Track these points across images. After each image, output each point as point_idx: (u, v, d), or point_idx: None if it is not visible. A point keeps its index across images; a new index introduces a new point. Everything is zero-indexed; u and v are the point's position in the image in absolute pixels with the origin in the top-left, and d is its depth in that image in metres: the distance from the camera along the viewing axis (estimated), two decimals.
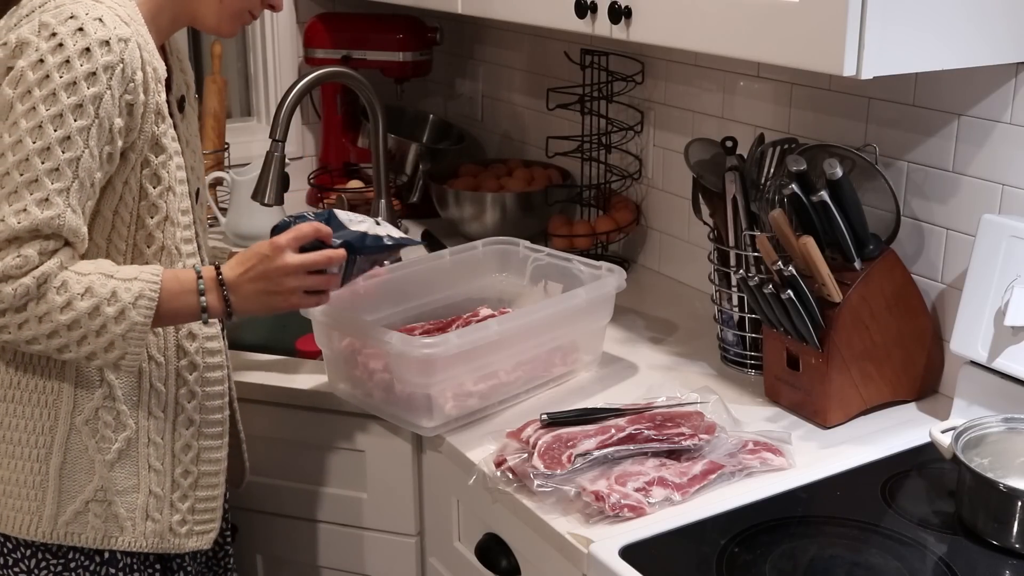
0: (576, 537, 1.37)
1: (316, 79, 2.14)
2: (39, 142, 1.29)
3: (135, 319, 1.34)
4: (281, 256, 1.41)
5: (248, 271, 1.41)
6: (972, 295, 1.57)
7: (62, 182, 1.30)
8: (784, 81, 1.92)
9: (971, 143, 1.62)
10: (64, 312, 1.31)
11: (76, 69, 1.30)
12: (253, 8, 1.53)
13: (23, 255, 1.29)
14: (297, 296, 1.44)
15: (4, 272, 1.28)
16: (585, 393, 1.75)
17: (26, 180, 1.29)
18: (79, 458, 1.44)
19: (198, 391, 1.51)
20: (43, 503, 1.44)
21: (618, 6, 1.63)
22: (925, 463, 1.52)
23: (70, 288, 1.32)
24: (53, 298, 1.31)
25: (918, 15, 1.36)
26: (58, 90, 1.29)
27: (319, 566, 1.91)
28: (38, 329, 1.32)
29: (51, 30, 1.30)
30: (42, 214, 1.29)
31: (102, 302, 1.32)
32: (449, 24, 2.74)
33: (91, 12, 1.32)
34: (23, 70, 1.30)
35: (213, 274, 1.41)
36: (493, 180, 2.48)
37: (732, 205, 1.79)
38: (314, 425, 1.82)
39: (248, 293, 1.42)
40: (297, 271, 1.42)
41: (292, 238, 1.42)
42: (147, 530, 1.49)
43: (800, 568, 1.31)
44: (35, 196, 1.29)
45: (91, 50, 1.31)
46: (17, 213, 1.28)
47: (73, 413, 1.43)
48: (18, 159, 1.29)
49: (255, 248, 1.43)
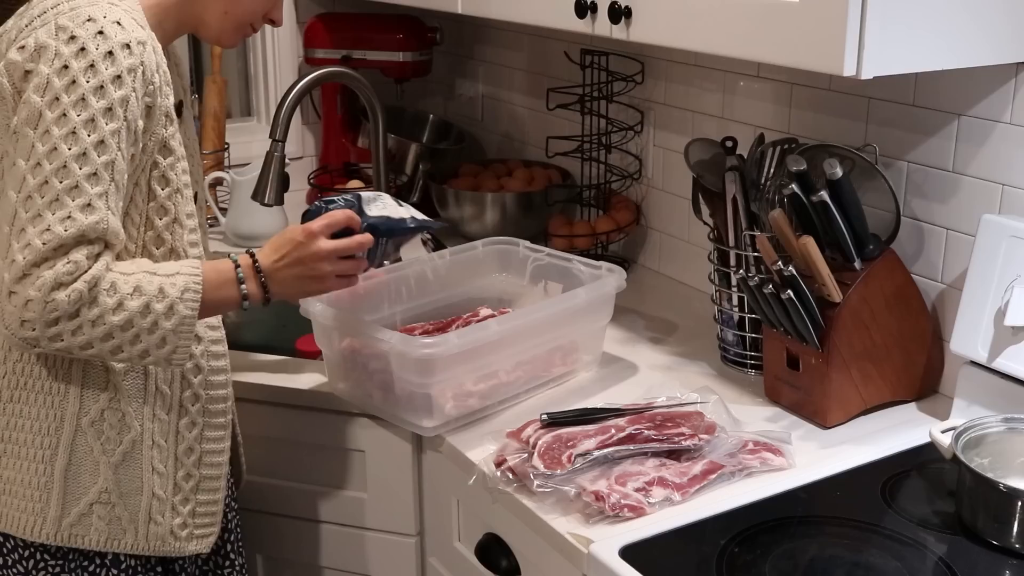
0: (576, 537, 1.37)
1: (316, 79, 2.14)
2: (75, 148, 1.29)
3: (184, 313, 1.36)
4: (315, 242, 1.46)
5: (283, 257, 1.46)
6: (972, 295, 1.57)
7: (101, 186, 1.31)
8: (784, 81, 1.92)
9: (971, 143, 1.62)
10: (116, 313, 1.32)
11: (102, 73, 1.30)
12: (255, 21, 1.56)
13: (73, 261, 1.29)
14: (330, 280, 1.50)
15: (56, 280, 1.28)
16: (585, 393, 1.75)
17: (66, 187, 1.29)
18: (84, 460, 1.44)
19: (202, 394, 1.51)
20: (48, 504, 1.44)
21: (618, 6, 1.63)
22: (925, 463, 1.52)
23: (119, 289, 1.32)
24: (104, 300, 1.31)
25: (918, 15, 1.36)
26: (87, 95, 1.30)
27: (319, 566, 1.91)
28: (92, 333, 1.31)
29: (69, 33, 1.31)
30: (87, 219, 1.29)
31: (151, 299, 1.34)
32: (449, 24, 2.74)
33: (109, 15, 1.33)
34: (48, 77, 1.30)
35: (250, 262, 1.45)
36: (493, 180, 2.48)
37: (732, 205, 1.79)
38: (314, 425, 1.82)
39: (284, 279, 1.46)
40: (330, 256, 1.47)
41: (325, 225, 1.47)
42: (150, 533, 1.49)
43: (800, 568, 1.31)
44: (78, 202, 1.29)
45: (114, 53, 1.31)
46: (63, 221, 1.29)
47: (79, 414, 1.43)
48: (55, 167, 1.29)
49: (288, 234, 1.47)
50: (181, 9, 1.48)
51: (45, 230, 1.28)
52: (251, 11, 1.54)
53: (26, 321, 1.28)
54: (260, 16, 1.56)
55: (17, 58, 1.32)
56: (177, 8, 1.48)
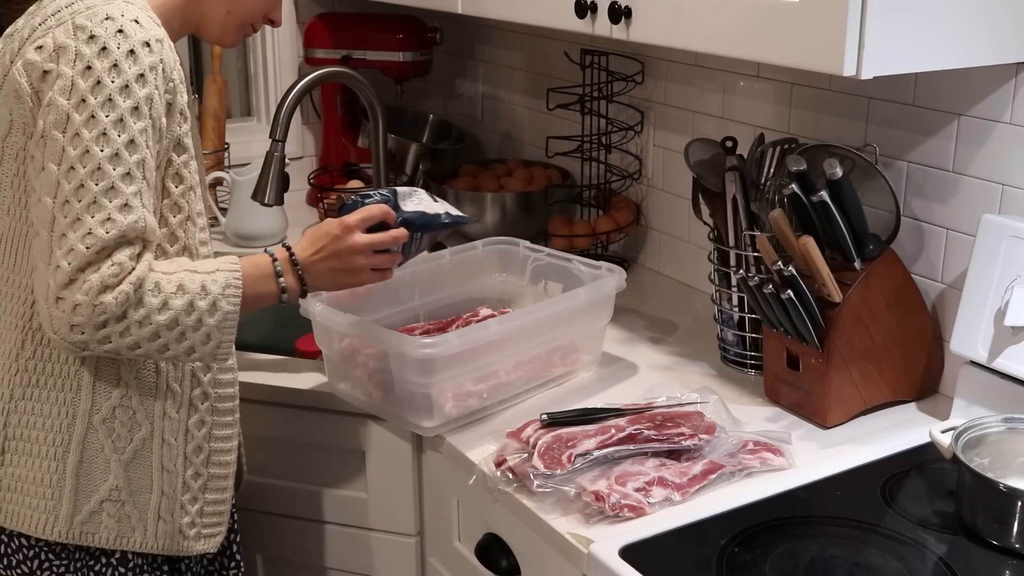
0: (576, 537, 1.37)
1: (316, 79, 2.14)
2: (107, 149, 1.30)
3: (226, 308, 1.38)
4: (351, 236, 1.49)
5: (320, 251, 1.49)
6: (972, 295, 1.57)
7: (135, 185, 1.32)
8: (784, 81, 1.92)
9: (971, 143, 1.62)
10: (162, 312, 1.33)
11: (126, 72, 1.31)
12: (255, 21, 1.58)
13: (117, 263, 1.30)
14: (365, 273, 1.53)
15: (103, 283, 1.29)
16: (585, 393, 1.75)
17: (103, 188, 1.30)
18: (95, 457, 1.44)
19: (211, 392, 1.52)
20: (60, 502, 1.44)
21: (618, 6, 1.63)
22: (925, 463, 1.52)
23: (163, 288, 1.34)
24: (150, 300, 1.32)
25: (918, 15, 1.36)
26: (113, 95, 1.30)
27: (319, 566, 1.91)
28: (139, 333, 1.33)
29: (88, 33, 1.31)
30: (126, 219, 1.30)
31: (195, 297, 1.35)
32: (449, 24, 2.74)
33: (126, 13, 1.34)
34: (72, 79, 1.30)
35: (286, 256, 1.48)
36: (493, 180, 2.48)
37: (732, 205, 1.79)
38: (314, 425, 1.82)
39: (320, 272, 1.50)
40: (366, 251, 1.51)
41: (361, 219, 1.50)
42: (159, 531, 1.49)
43: (800, 568, 1.31)
44: (115, 203, 1.30)
45: (135, 52, 1.32)
46: (103, 223, 1.29)
47: (91, 411, 1.43)
48: (89, 169, 1.29)
49: (324, 228, 1.51)
50: (186, 9, 1.50)
51: (87, 234, 1.29)
52: (252, 11, 1.56)
53: (75, 326, 1.30)
54: (261, 16, 1.58)
55: (36, 58, 1.32)
56: (182, 8, 1.49)
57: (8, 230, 1.42)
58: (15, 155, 1.38)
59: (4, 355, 1.44)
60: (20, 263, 1.41)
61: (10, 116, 1.37)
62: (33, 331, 1.42)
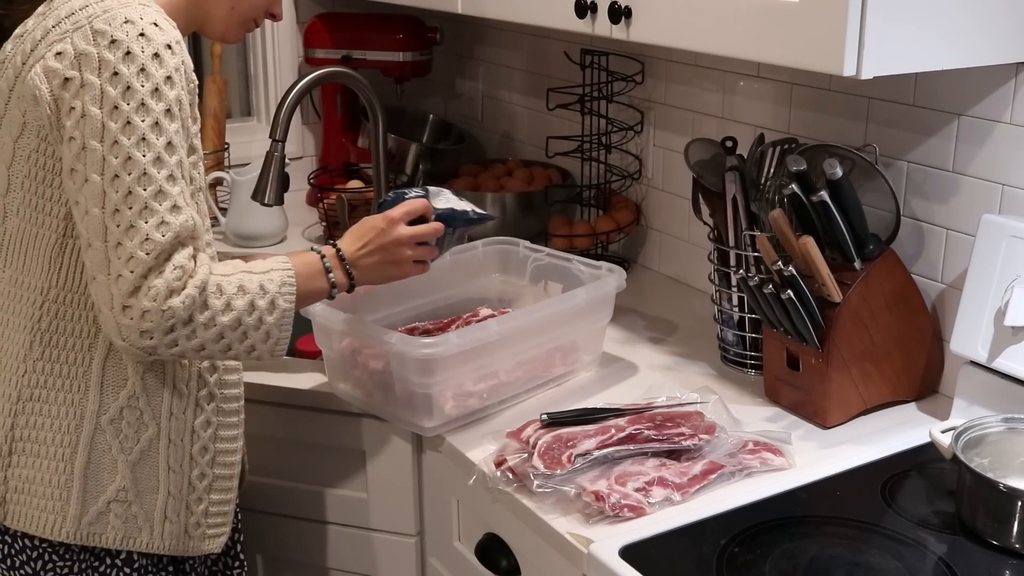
0: (576, 537, 1.37)
1: (316, 79, 2.14)
2: (148, 153, 1.30)
3: (284, 306, 1.41)
4: (396, 228, 1.55)
5: (366, 245, 1.53)
6: (972, 295, 1.57)
7: (178, 185, 1.33)
8: (784, 81, 1.92)
9: (971, 143, 1.62)
10: (225, 314, 1.35)
11: (154, 76, 1.31)
12: (257, 16, 1.59)
13: (178, 265, 1.31)
14: (408, 265, 1.58)
15: (169, 287, 1.30)
16: (585, 393, 1.75)
17: (152, 193, 1.30)
18: (103, 458, 1.44)
19: (217, 393, 1.52)
20: (68, 503, 1.44)
21: (618, 6, 1.63)
22: (925, 463, 1.52)
23: (225, 290, 1.35)
24: (214, 303, 1.34)
25: (918, 15, 1.36)
26: (146, 99, 1.30)
27: (319, 566, 1.91)
28: (205, 335, 1.34)
29: (109, 38, 1.30)
30: (178, 220, 1.31)
31: (255, 297, 1.38)
32: (449, 24, 2.74)
33: (145, 16, 1.33)
34: (101, 87, 1.30)
35: (334, 252, 1.52)
36: (493, 180, 2.48)
37: (732, 205, 1.79)
38: (314, 425, 1.82)
39: (368, 265, 1.54)
40: (410, 242, 1.56)
41: (405, 212, 1.56)
42: (165, 531, 1.49)
43: (800, 568, 1.31)
44: (165, 205, 1.31)
45: (160, 55, 1.32)
46: (158, 227, 1.30)
47: (98, 412, 1.43)
48: (135, 176, 1.30)
49: (369, 222, 1.55)
50: (191, 8, 1.50)
51: (144, 240, 1.29)
52: (255, 6, 1.57)
53: (144, 332, 1.30)
54: (263, 11, 1.59)
55: (56, 65, 1.32)
56: (187, 7, 1.49)
57: (17, 231, 1.42)
58: (27, 156, 1.38)
59: (12, 356, 1.44)
60: (29, 265, 1.41)
61: (23, 118, 1.37)
62: (41, 332, 1.42)
